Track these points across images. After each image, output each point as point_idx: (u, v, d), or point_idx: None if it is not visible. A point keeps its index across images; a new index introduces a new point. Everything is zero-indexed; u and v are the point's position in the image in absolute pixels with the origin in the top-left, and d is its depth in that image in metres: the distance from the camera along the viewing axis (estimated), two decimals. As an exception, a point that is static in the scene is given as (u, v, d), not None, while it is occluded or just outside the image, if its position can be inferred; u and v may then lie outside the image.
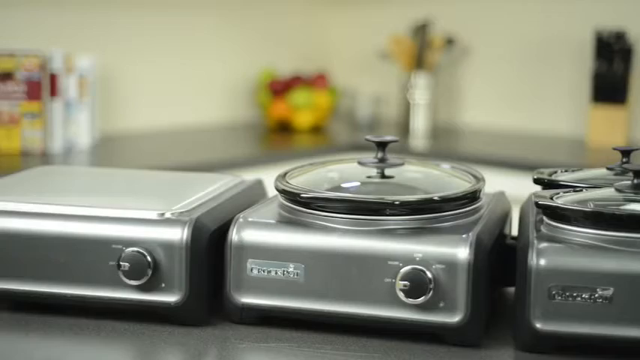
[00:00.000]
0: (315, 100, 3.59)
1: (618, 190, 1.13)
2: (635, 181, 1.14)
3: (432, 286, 1.07)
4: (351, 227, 1.12)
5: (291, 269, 1.12)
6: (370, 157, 1.24)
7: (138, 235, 1.13)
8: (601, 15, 3.36)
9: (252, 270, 1.13)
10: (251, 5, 3.76)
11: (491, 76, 3.69)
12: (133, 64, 3.37)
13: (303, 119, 3.56)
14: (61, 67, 2.89)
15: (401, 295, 1.07)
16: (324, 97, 3.62)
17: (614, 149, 1.28)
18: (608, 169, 1.28)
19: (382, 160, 1.23)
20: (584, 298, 1.04)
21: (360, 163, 1.24)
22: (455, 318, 1.08)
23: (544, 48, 3.54)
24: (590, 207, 1.10)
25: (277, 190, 1.20)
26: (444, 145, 3.46)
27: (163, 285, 1.13)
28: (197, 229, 1.13)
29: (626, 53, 3.22)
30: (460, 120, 3.77)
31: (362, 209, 1.12)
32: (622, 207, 1.10)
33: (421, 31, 3.59)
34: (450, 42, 3.64)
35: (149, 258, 1.12)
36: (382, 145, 1.24)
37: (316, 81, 3.66)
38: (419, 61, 3.60)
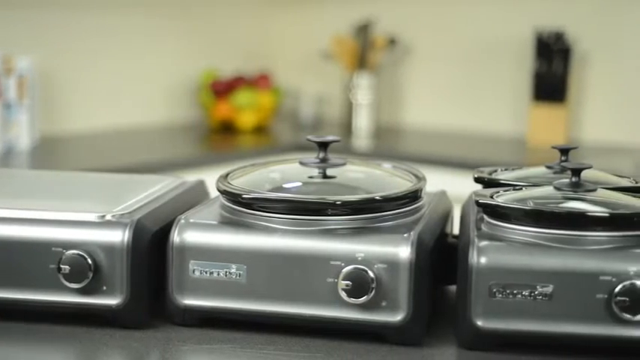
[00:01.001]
0: (258, 101, 3.58)
1: (557, 189, 1.15)
2: (574, 179, 1.15)
3: (374, 285, 1.07)
4: (292, 227, 1.12)
5: (233, 270, 1.11)
6: (312, 157, 1.24)
7: (78, 238, 1.12)
8: (541, 15, 3.39)
9: (194, 271, 1.13)
10: (192, 5, 3.74)
11: (434, 75, 3.72)
12: (74, 65, 3.34)
13: (246, 119, 3.56)
14: (0, 67, 2.85)
15: (343, 294, 1.08)
16: (267, 98, 3.61)
17: (553, 148, 1.30)
18: (547, 167, 1.30)
19: (324, 160, 1.23)
20: (524, 295, 1.05)
21: (301, 163, 1.24)
22: (397, 317, 1.08)
23: (485, 48, 3.57)
24: (529, 205, 1.11)
25: (219, 190, 1.20)
26: (387, 145, 3.48)
27: (104, 288, 1.12)
28: (138, 231, 1.12)
29: (565, 53, 3.26)
30: (402, 120, 3.79)
31: (303, 209, 1.12)
32: (561, 205, 1.12)
33: (363, 31, 3.61)
34: (392, 42, 3.66)
35: (90, 260, 1.11)
36: (324, 145, 1.24)
37: (259, 81, 3.66)
38: (361, 61, 3.61)
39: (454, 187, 1.60)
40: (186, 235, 1.13)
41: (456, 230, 1.30)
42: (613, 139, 3.31)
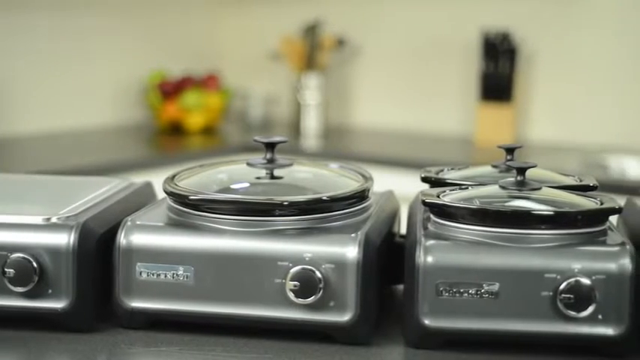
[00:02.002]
0: (207, 101, 3.57)
1: (502, 188, 1.16)
2: (519, 178, 1.16)
3: (321, 285, 1.07)
4: (240, 228, 1.11)
5: (180, 272, 1.11)
6: (260, 158, 1.24)
7: (23, 241, 1.11)
8: (487, 16, 3.42)
9: (141, 273, 1.12)
10: (140, 5, 3.72)
11: (382, 76, 3.73)
12: (21, 67, 3.30)
13: (195, 121, 3.54)
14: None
15: (291, 295, 1.08)
16: (215, 98, 3.60)
17: (499, 147, 1.30)
18: (493, 166, 1.30)
19: (271, 161, 1.23)
20: (470, 293, 1.06)
21: (248, 164, 1.23)
22: (345, 317, 1.08)
23: (433, 48, 3.59)
24: (475, 204, 1.12)
25: (166, 192, 1.19)
26: (335, 145, 3.48)
27: (50, 291, 1.11)
28: (84, 234, 1.11)
29: (512, 53, 3.29)
30: (350, 120, 3.80)
31: (251, 210, 1.12)
32: (506, 204, 1.13)
33: (311, 31, 3.61)
34: (340, 43, 3.67)
35: (35, 264, 1.10)
36: (271, 146, 1.24)
37: (207, 82, 3.64)
38: (310, 62, 3.61)
39: (401, 187, 1.61)
40: (132, 237, 1.12)
41: (403, 230, 1.30)
42: (558, 138, 3.35)
